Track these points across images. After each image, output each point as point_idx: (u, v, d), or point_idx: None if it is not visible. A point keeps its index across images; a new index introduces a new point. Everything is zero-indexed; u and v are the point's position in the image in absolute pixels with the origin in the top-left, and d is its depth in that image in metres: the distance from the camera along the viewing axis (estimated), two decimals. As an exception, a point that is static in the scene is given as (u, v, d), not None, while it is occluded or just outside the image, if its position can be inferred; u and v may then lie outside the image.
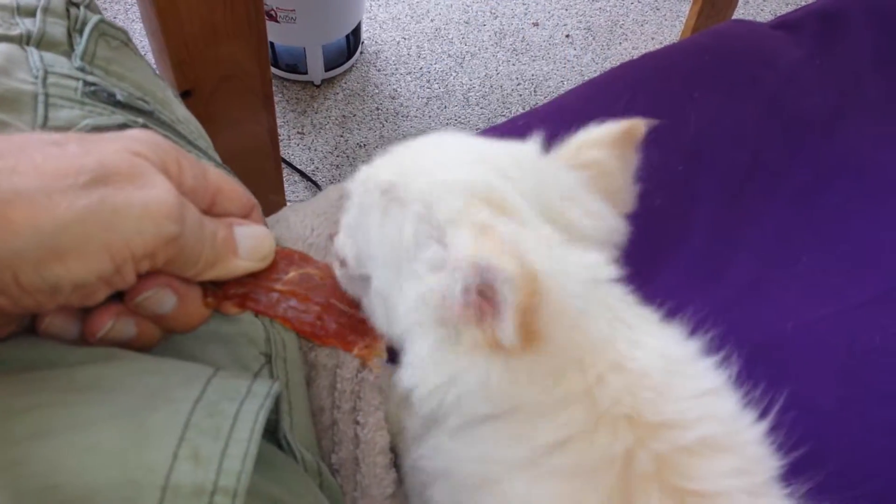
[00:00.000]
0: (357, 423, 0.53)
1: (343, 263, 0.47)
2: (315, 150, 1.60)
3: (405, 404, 0.57)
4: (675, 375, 0.41)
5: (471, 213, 0.40)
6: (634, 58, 0.88)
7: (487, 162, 0.45)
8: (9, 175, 0.33)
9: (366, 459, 0.51)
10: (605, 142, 0.48)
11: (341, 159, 1.59)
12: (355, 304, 0.47)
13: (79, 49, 0.53)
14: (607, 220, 0.46)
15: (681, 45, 0.92)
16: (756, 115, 0.82)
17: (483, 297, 0.38)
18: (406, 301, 0.42)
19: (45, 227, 0.33)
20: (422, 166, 0.45)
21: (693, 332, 0.43)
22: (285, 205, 1.22)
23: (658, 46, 1.88)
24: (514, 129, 0.78)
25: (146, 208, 0.36)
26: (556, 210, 0.43)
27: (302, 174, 1.56)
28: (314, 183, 1.54)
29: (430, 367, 0.41)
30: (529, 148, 0.47)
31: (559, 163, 0.47)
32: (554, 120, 0.48)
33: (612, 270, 0.42)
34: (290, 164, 1.56)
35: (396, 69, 1.76)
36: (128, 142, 0.38)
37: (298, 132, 1.62)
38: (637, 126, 0.48)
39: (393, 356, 0.45)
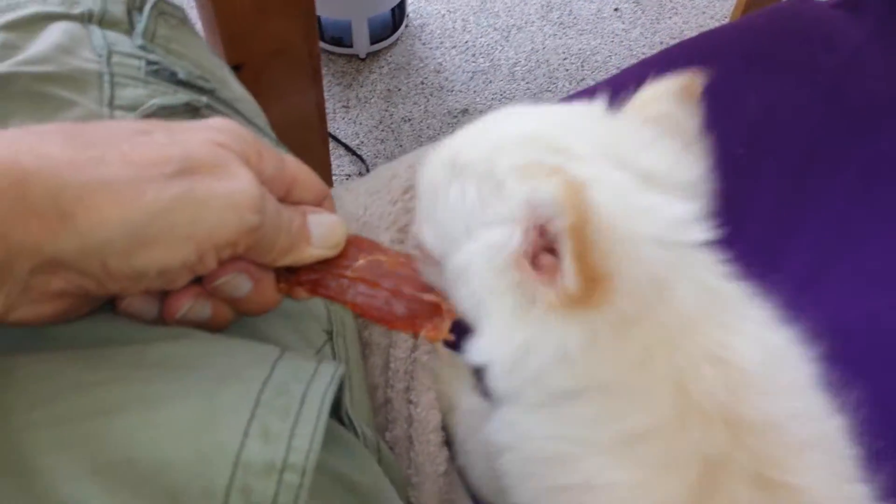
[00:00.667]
0: (410, 402, 0.53)
1: (423, 252, 0.46)
2: (360, 123, 1.60)
3: (458, 384, 0.57)
4: (773, 367, 0.39)
5: (529, 161, 0.39)
6: (685, 32, 0.86)
7: (549, 118, 0.43)
8: (96, 165, 0.34)
9: (419, 437, 0.52)
10: (669, 95, 0.45)
11: (386, 133, 1.59)
12: (426, 288, 0.47)
13: (139, 28, 0.53)
14: (690, 166, 0.43)
15: (737, 24, 0.90)
16: (817, 100, 0.80)
17: (548, 248, 0.36)
18: (474, 269, 0.40)
19: (133, 218, 0.34)
20: (482, 132, 0.44)
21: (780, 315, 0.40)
22: (331, 180, 1.22)
23: (709, 21, 1.85)
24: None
25: (230, 200, 0.37)
26: (632, 159, 0.40)
27: (347, 148, 1.56)
28: (359, 157, 1.55)
29: (504, 339, 0.39)
30: (595, 106, 0.45)
31: (630, 118, 0.44)
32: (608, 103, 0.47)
33: (702, 229, 0.39)
34: (335, 138, 1.56)
35: (441, 43, 1.75)
36: (212, 132, 0.39)
37: (344, 106, 1.63)
38: (694, 80, 0.45)
39: (456, 342, 0.45)
